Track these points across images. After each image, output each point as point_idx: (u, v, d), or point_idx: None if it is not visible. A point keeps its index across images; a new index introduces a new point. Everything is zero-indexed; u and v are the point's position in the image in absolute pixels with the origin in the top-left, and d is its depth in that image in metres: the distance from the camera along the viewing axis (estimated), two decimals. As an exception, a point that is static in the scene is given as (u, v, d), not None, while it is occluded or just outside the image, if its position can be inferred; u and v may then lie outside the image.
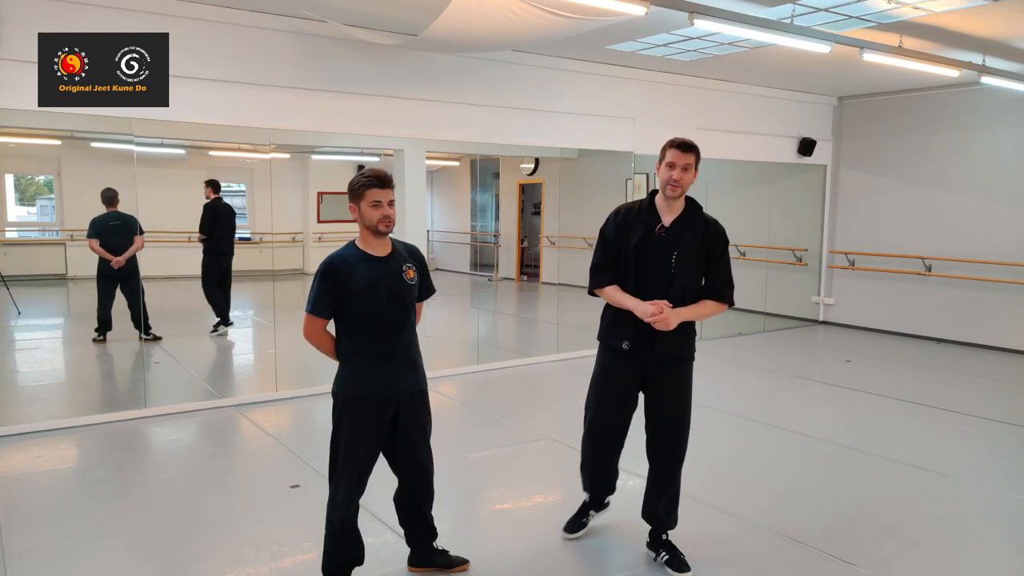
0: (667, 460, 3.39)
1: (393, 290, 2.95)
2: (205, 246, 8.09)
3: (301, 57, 5.93)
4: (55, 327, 9.64)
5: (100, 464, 4.80)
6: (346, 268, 2.91)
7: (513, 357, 7.92)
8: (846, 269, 9.78)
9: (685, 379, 3.36)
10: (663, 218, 3.26)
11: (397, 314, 2.98)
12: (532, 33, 5.45)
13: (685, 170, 3.19)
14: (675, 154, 3.20)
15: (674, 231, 3.24)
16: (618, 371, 3.35)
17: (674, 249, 3.21)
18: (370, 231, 2.93)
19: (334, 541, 3.04)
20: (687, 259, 3.22)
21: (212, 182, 8.22)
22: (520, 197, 13.85)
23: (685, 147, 3.21)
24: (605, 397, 3.42)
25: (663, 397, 3.34)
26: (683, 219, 3.26)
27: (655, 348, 3.23)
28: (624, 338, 3.27)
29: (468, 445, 5.01)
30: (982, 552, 3.65)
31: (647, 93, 8.03)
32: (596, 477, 3.59)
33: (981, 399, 6.46)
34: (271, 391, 6.20)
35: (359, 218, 2.92)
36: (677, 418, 3.35)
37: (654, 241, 3.23)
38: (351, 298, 2.89)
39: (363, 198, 2.88)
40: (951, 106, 8.67)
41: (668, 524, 3.44)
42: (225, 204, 8.33)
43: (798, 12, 5.56)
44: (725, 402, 6.24)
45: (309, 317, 2.95)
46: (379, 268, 2.94)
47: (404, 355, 3.02)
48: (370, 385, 2.95)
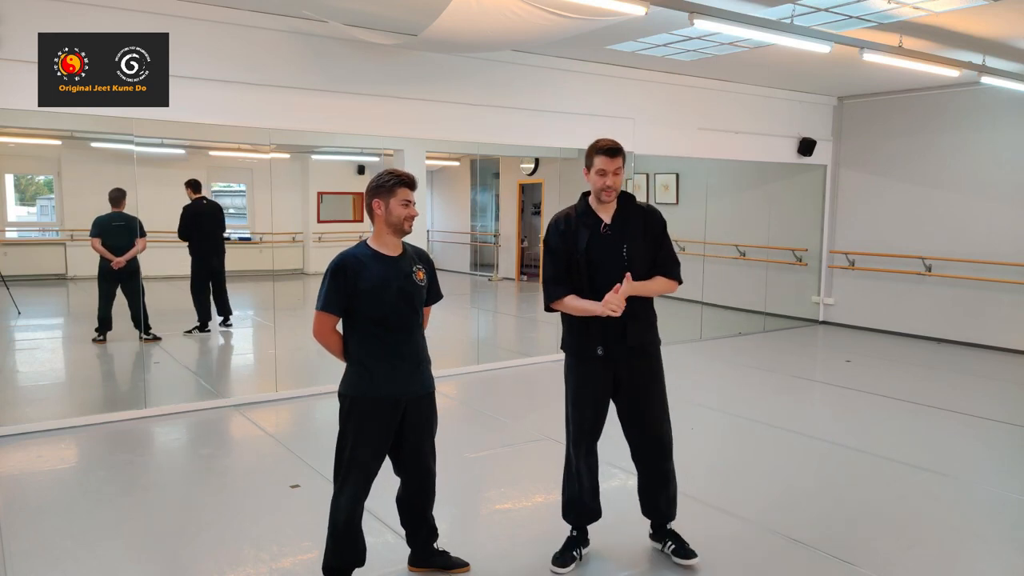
0: (659, 461, 3.39)
1: (403, 290, 2.97)
2: (189, 248, 8.05)
3: (301, 57, 5.93)
4: (55, 327, 9.64)
5: (100, 464, 4.81)
6: (357, 266, 2.92)
7: (513, 357, 7.92)
8: (846, 269, 9.77)
9: (658, 372, 3.37)
10: (603, 217, 3.28)
11: (406, 314, 2.99)
12: (532, 33, 5.45)
13: (616, 174, 3.21)
14: (604, 161, 3.19)
15: (617, 226, 3.26)
16: (593, 377, 3.31)
17: (623, 243, 3.23)
18: (392, 229, 2.97)
19: (336, 541, 3.03)
20: (638, 249, 3.24)
21: (192, 182, 8.13)
22: (520, 197, 13.85)
23: (613, 152, 3.20)
24: (587, 407, 3.34)
25: (642, 396, 3.32)
26: (622, 213, 3.29)
27: (627, 341, 3.23)
28: (597, 344, 3.26)
29: (468, 445, 5.01)
30: (982, 552, 3.65)
31: (647, 93, 8.03)
32: (586, 500, 3.42)
33: (981, 399, 6.45)
34: (271, 391, 6.20)
35: (383, 215, 2.95)
36: (660, 416, 3.35)
37: (602, 241, 3.24)
38: (361, 296, 2.91)
39: (394, 195, 2.93)
40: (951, 106, 8.67)
41: (671, 516, 3.46)
42: (208, 204, 8.25)
43: (798, 12, 5.55)
44: (725, 402, 6.24)
45: (320, 314, 2.95)
46: (390, 267, 2.97)
47: (413, 356, 3.02)
48: (379, 387, 2.95)
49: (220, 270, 8.24)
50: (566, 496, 3.46)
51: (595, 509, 3.47)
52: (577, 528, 3.46)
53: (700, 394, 6.45)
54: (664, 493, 3.41)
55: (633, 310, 3.21)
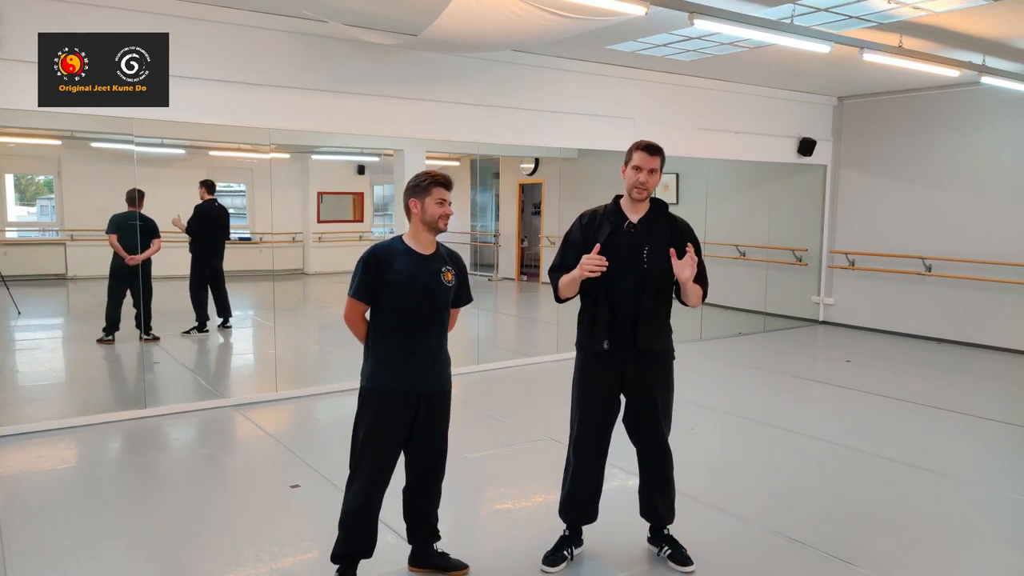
0: (660, 462, 3.38)
1: (428, 287, 3.04)
2: (191, 248, 8.07)
3: (301, 57, 5.93)
4: (55, 327, 9.64)
5: (100, 464, 4.81)
6: (388, 257, 3.02)
7: (513, 357, 7.92)
8: (846, 269, 9.78)
9: (669, 377, 3.34)
10: (630, 217, 3.27)
11: (428, 311, 3.06)
12: (532, 33, 5.45)
13: (651, 173, 3.20)
14: (642, 157, 3.19)
15: (643, 228, 3.24)
16: (600, 376, 3.29)
17: (645, 244, 3.21)
18: (428, 227, 3.05)
19: (346, 530, 3.08)
20: (659, 253, 3.20)
21: (207, 183, 8.16)
22: (520, 197, 13.85)
23: (652, 150, 3.20)
24: (591, 406, 3.33)
25: (648, 397, 3.29)
26: (650, 217, 3.27)
27: (636, 343, 3.21)
28: (603, 338, 3.24)
29: (468, 445, 5.01)
30: (982, 552, 3.65)
31: (647, 93, 8.03)
32: (584, 501, 3.41)
33: (981, 399, 6.46)
34: (271, 391, 6.20)
35: (419, 213, 3.05)
36: (663, 419, 3.33)
37: (623, 237, 3.22)
38: (387, 287, 2.99)
39: (430, 194, 3.03)
40: (951, 106, 8.67)
41: (668, 519, 3.45)
42: (218, 207, 8.27)
43: (798, 12, 5.56)
44: (725, 402, 6.24)
45: (351, 301, 3.05)
46: (419, 264, 3.05)
47: (431, 354, 3.09)
48: (393, 381, 3.02)
49: (219, 271, 8.25)
50: (564, 493, 3.46)
51: (592, 510, 3.46)
52: (571, 527, 3.46)
53: (700, 394, 6.45)
54: (664, 498, 3.41)
55: (647, 315, 3.19)
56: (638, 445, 3.39)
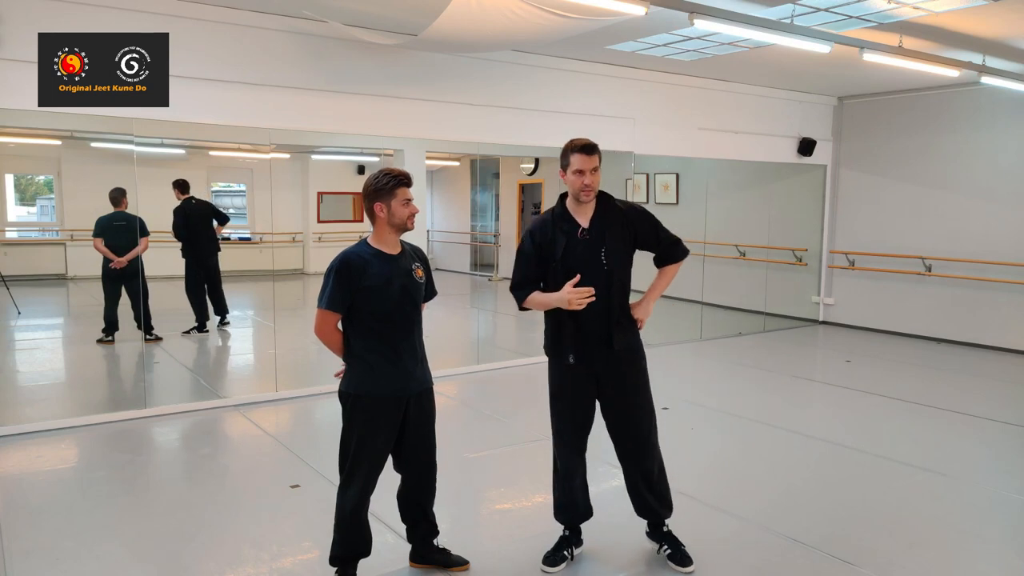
0: (644, 462, 3.36)
1: (405, 287, 3.03)
2: (183, 251, 8.04)
3: (301, 57, 5.93)
4: (55, 327, 9.64)
5: (100, 464, 4.81)
6: (361, 264, 2.97)
7: (513, 357, 7.92)
8: (846, 269, 9.78)
9: (641, 373, 3.34)
10: (580, 221, 3.23)
11: (408, 311, 3.05)
12: (532, 33, 5.45)
13: (594, 172, 3.16)
14: (582, 159, 3.13)
15: (595, 230, 3.22)
16: (573, 382, 3.29)
17: (601, 247, 3.19)
18: (396, 228, 3.02)
19: (343, 533, 3.08)
20: (616, 253, 3.20)
21: (180, 183, 8.10)
22: (520, 197, 13.84)
23: (589, 149, 3.15)
24: (567, 413, 3.32)
25: (627, 398, 3.29)
26: (600, 216, 3.24)
27: (613, 345, 3.20)
28: (568, 352, 3.23)
29: (468, 445, 5.01)
30: (981, 552, 3.65)
31: (647, 93, 8.03)
32: (575, 500, 3.41)
33: (981, 399, 6.45)
34: (271, 391, 6.20)
35: (385, 216, 2.98)
36: (645, 417, 3.32)
37: (580, 246, 3.20)
38: (365, 294, 2.94)
39: (395, 196, 2.97)
40: (951, 106, 8.67)
41: (665, 512, 3.43)
42: (198, 204, 8.21)
43: (798, 12, 5.56)
44: (725, 402, 6.24)
45: (322, 312, 2.97)
46: (392, 265, 3.02)
47: (413, 353, 3.08)
48: (382, 385, 3.00)
49: (214, 269, 8.23)
50: (555, 496, 3.46)
51: (585, 508, 3.46)
52: (569, 528, 3.46)
53: (700, 394, 6.45)
54: (651, 493, 3.38)
55: (615, 316, 3.20)
56: (620, 445, 3.36)
